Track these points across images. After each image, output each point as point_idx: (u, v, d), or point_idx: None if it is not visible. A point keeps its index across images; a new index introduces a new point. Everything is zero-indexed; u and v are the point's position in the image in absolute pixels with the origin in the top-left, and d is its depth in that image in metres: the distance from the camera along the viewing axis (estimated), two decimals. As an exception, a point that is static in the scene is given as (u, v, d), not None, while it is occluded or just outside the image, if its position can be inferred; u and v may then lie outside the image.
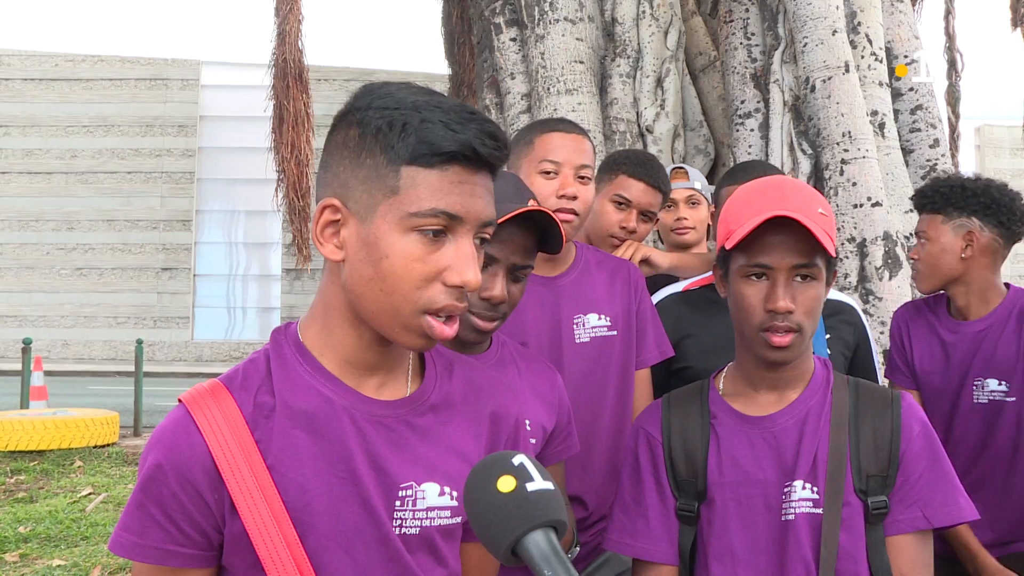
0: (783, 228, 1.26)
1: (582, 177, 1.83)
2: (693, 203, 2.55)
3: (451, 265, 0.93)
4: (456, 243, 0.94)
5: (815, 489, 1.28)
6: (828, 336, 1.96)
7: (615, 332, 1.86)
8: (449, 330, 0.95)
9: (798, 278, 1.28)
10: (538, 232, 1.43)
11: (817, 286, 1.29)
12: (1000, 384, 2.10)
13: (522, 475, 0.80)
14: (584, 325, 1.84)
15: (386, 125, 0.92)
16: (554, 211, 1.71)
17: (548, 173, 1.81)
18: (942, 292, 2.21)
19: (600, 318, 1.85)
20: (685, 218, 2.52)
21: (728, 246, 1.30)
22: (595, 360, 1.84)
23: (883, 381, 2.27)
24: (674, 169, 2.60)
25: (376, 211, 0.92)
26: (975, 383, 2.13)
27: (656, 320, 1.95)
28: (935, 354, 2.19)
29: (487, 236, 0.99)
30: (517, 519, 0.77)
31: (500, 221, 1.34)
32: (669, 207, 2.53)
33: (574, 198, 1.80)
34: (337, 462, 0.96)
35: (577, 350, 1.82)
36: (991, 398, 2.11)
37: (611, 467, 1.84)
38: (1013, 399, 2.08)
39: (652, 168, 2.21)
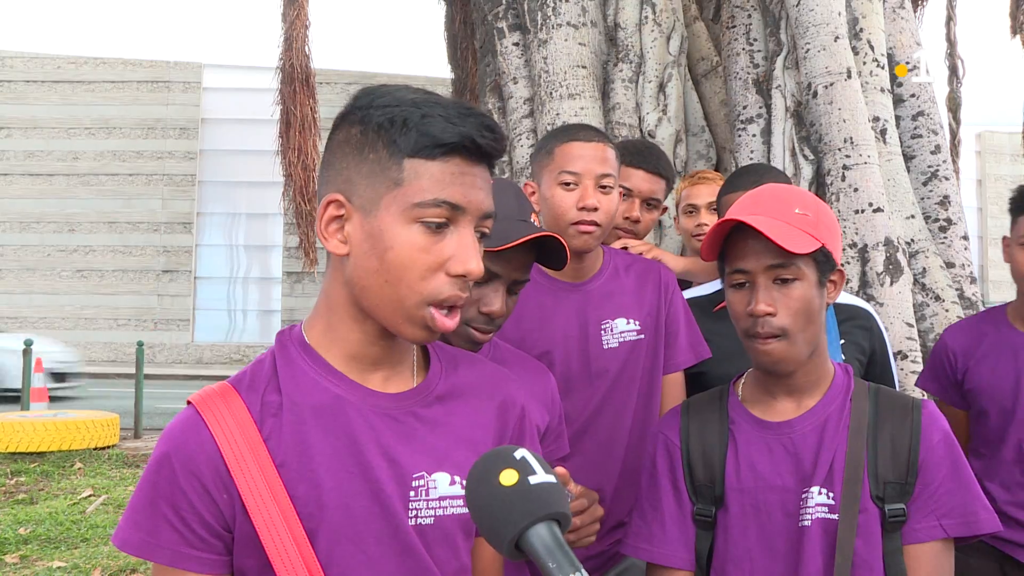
0: (754, 232, 1.27)
1: (603, 187, 1.77)
2: (714, 209, 2.51)
3: (454, 255, 0.95)
4: (458, 233, 0.96)
5: (831, 495, 1.27)
6: (843, 342, 1.94)
7: (644, 336, 1.84)
8: (451, 322, 0.97)
9: (777, 281, 1.28)
10: (539, 246, 1.41)
11: (802, 287, 1.28)
12: None
13: (524, 468, 0.80)
14: (612, 330, 1.82)
15: (387, 121, 0.94)
16: (575, 223, 1.72)
17: (568, 184, 1.75)
18: (997, 305, 2.20)
19: (628, 322, 1.83)
20: (706, 224, 2.44)
21: (705, 258, 1.36)
22: (624, 364, 1.82)
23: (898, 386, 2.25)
24: (698, 173, 2.56)
25: (380, 204, 0.94)
26: None
27: (690, 321, 1.91)
28: (1006, 366, 2.11)
29: (486, 230, 1.00)
30: (520, 512, 0.77)
31: (510, 246, 1.34)
32: (691, 212, 2.51)
33: (595, 209, 1.74)
34: (346, 456, 0.96)
35: (606, 355, 1.81)
36: None
37: (630, 470, 1.82)
38: None
39: (651, 155, 2.19)
